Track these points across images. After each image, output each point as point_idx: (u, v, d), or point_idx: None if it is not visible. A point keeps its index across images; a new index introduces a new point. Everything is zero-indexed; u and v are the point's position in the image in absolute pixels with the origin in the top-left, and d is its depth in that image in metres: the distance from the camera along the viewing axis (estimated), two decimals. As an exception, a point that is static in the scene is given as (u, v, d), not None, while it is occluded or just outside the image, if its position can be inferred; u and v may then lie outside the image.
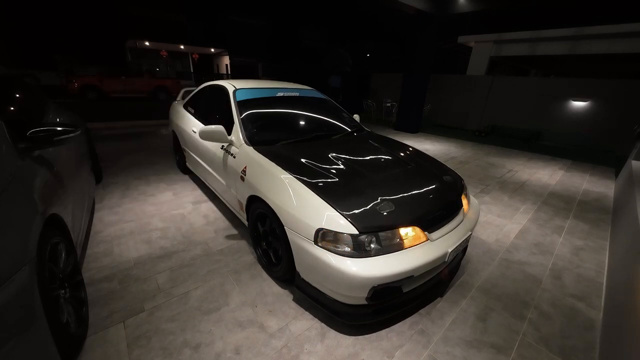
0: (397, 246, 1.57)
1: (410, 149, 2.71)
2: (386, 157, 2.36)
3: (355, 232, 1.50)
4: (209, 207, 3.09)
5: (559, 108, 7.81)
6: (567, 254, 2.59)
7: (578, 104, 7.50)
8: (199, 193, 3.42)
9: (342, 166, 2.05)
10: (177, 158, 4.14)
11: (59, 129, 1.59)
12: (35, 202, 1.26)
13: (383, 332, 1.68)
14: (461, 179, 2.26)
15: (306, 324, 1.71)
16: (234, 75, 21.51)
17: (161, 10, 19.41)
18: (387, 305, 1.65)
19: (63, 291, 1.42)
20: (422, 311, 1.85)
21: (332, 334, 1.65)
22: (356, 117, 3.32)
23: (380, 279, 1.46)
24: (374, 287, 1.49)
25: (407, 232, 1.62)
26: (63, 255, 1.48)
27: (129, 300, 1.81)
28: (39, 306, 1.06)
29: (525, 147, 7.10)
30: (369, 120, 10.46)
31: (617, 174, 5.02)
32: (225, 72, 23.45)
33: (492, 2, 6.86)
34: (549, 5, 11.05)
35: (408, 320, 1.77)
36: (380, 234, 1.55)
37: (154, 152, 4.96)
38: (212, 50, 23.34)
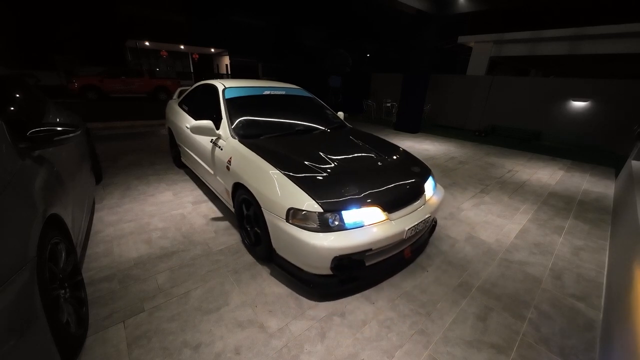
0: (358, 223, 1.79)
1: (388, 143, 2.91)
2: (360, 149, 2.57)
3: (321, 210, 1.72)
4: (209, 207, 3.09)
5: (559, 108, 7.81)
6: (567, 254, 2.59)
7: (578, 104, 7.50)
8: (198, 193, 3.42)
9: (316, 156, 2.25)
10: (172, 154, 4.28)
11: (59, 129, 1.59)
12: (35, 202, 1.26)
13: (383, 332, 1.68)
14: (428, 170, 2.49)
15: (306, 324, 1.71)
16: (234, 74, 21.50)
17: (161, 10, 19.39)
18: (352, 276, 1.88)
19: (63, 291, 1.42)
20: (422, 311, 1.85)
21: (332, 334, 1.65)
22: (340, 114, 3.50)
23: (340, 250, 1.69)
24: (336, 257, 1.71)
25: (369, 212, 1.84)
26: (63, 255, 1.48)
27: (129, 300, 1.81)
28: (39, 306, 1.06)
29: (525, 147, 7.10)
30: (369, 120, 10.46)
31: (617, 174, 5.02)
32: (225, 72, 23.43)
33: (492, 2, 6.86)
34: (549, 5, 11.04)
35: (408, 320, 1.77)
36: (343, 212, 1.77)
37: (154, 152, 4.96)
38: (212, 50, 23.33)
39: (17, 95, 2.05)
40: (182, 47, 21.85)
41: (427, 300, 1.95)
